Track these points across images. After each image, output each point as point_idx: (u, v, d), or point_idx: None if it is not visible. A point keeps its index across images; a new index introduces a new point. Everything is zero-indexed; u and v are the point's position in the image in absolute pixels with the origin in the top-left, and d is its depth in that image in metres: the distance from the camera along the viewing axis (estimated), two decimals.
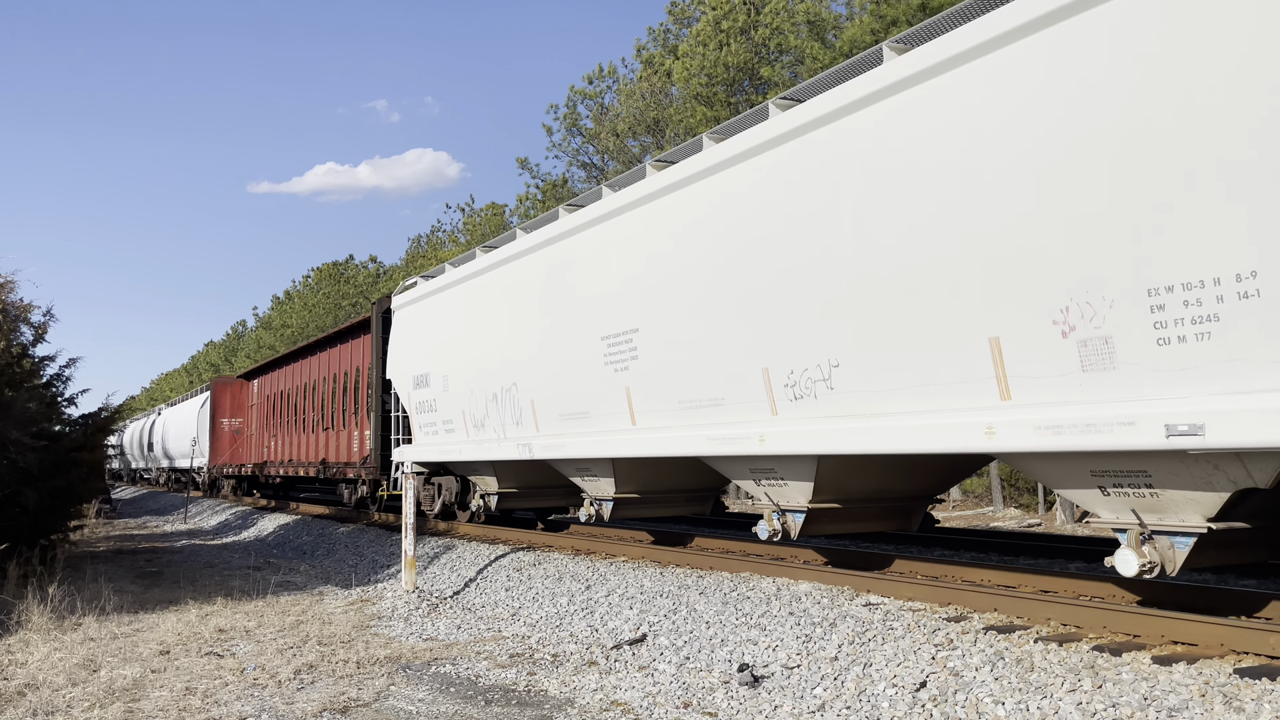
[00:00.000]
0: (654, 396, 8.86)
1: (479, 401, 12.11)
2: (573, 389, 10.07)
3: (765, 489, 8.19)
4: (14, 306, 12.98)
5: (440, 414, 13.30)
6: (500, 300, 11.64)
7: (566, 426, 10.31)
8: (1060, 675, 5.20)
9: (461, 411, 12.64)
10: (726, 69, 26.20)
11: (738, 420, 7.92)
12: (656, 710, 5.87)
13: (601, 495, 10.49)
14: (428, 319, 13.79)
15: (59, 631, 8.94)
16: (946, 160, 5.97)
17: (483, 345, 12.03)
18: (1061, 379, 5.49)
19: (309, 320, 58.02)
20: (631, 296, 9.07)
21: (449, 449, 13.07)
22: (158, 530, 23.98)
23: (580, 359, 9.84)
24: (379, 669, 7.23)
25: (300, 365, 22.66)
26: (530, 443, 10.83)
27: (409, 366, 14.29)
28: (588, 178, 34.18)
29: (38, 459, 11.95)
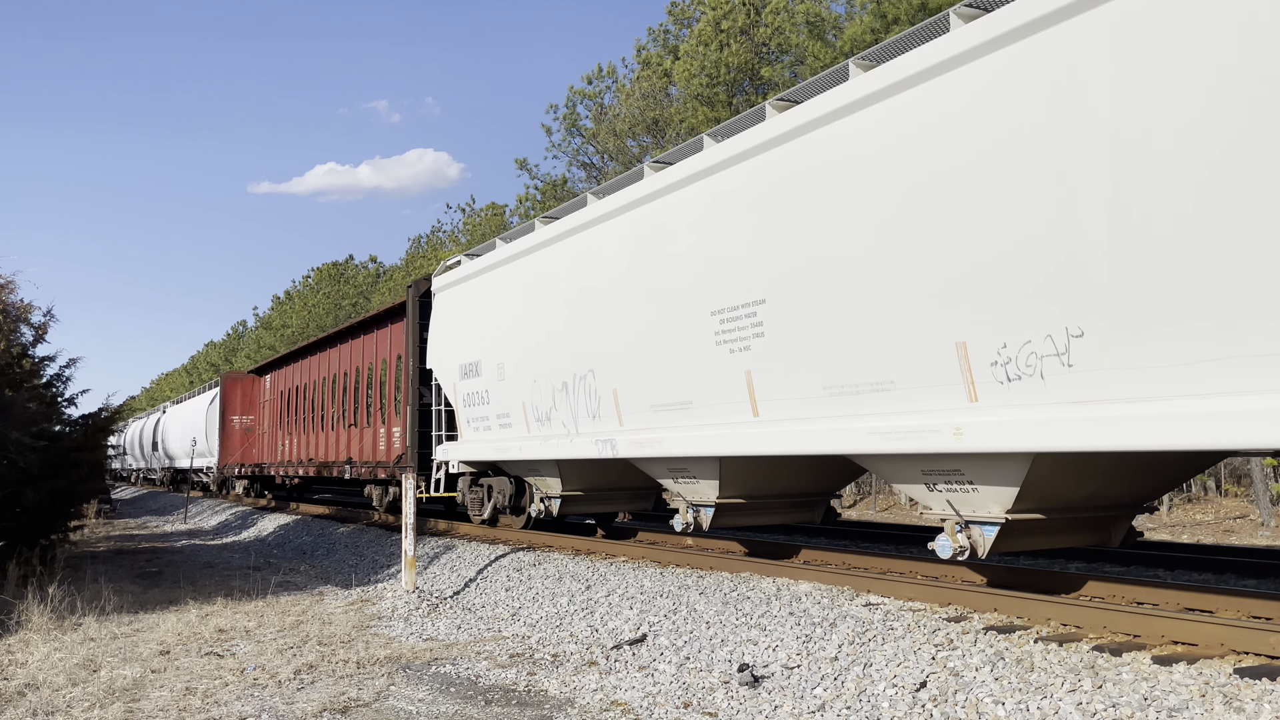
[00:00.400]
0: (786, 382, 7.53)
1: (543, 392, 10.90)
2: (669, 375, 8.83)
3: (946, 495, 6.79)
4: (14, 307, 12.98)
5: (494, 407, 12.09)
6: (570, 276, 10.36)
7: (660, 419, 9.03)
8: (1060, 675, 5.20)
9: (521, 404, 11.41)
10: (727, 69, 26.20)
11: (913, 409, 6.50)
12: (656, 710, 5.87)
13: (701, 500, 9.14)
14: (477, 301, 12.57)
15: (59, 631, 8.94)
16: None
17: (548, 328, 10.81)
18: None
19: (309, 320, 58.05)
20: (755, 261, 7.69)
21: (505, 446, 11.80)
22: (158, 530, 23.98)
23: (680, 339, 8.61)
24: (379, 669, 7.23)
25: (319, 359, 21.45)
26: (612, 439, 9.59)
27: (454, 355, 13.12)
28: (588, 178, 34.18)
29: (38, 459, 11.95)
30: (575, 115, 33.54)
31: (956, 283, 6.09)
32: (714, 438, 8.32)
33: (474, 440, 12.76)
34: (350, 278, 62.58)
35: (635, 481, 11.45)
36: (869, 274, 6.70)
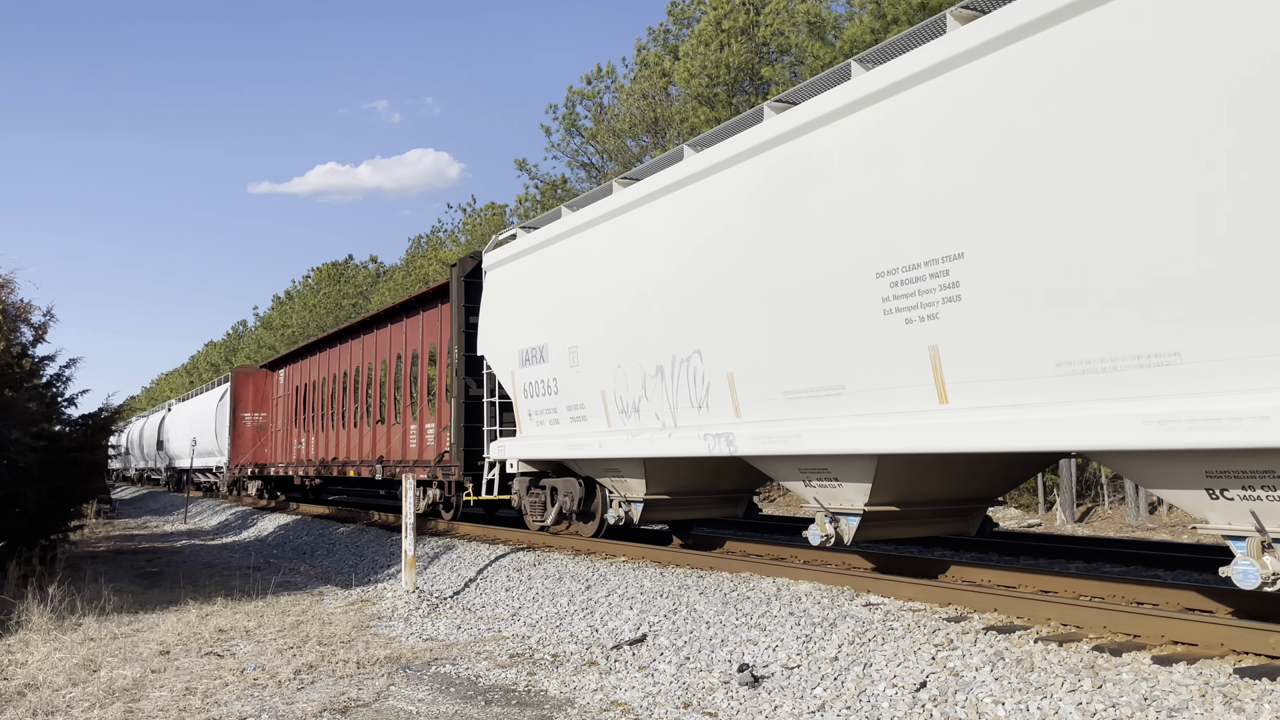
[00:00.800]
0: (993, 358, 6.05)
1: (630, 379, 9.56)
2: (811, 354, 7.36)
3: (1252, 503, 5.31)
4: (14, 306, 12.98)
5: (564, 397, 10.72)
6: (667, 242, 8.99)
7: (797, 409, 7.60)
8: (1060, 675, 5.20)
9: (600, 393, 10.05)
10: (727, 69, 26.20)
11: (1208, 389, 5.02)
12: (656, 710, 5.87)
13: (844, 508, 7.69)
14: (541, 277, 11.23)
15: (59, 631, 8.94)
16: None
17: (637, 305, 9.41)
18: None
19: (309, 320, 58.06)
20: (947, 206, 6.19)
21: (580, 442, 10.38)
22: (158, 530, 23.98)
23: (830, 309, 7.12)
24: (379, 669, 7.23)
25: (339, 351, 20.24)
26: (728, 433, 8.18)
27: (513, 339, 11.74)
28: (587, 177, 34.19)
29: (38, 459, 11.95)
30: (574, 115, 33.56)
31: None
32: (875, 430, 6.80)
33: (538, 436, 11.38)
34: (350, 278, 62.62)
35: (729, 483, 10.38)
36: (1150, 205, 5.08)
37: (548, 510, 11.78)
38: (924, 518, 8.05)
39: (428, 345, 15.56)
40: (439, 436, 14.72)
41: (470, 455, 13.29)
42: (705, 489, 10.51)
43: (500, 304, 12.23)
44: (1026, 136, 5.71)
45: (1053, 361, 5.71)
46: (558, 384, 10.82)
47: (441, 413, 14.75)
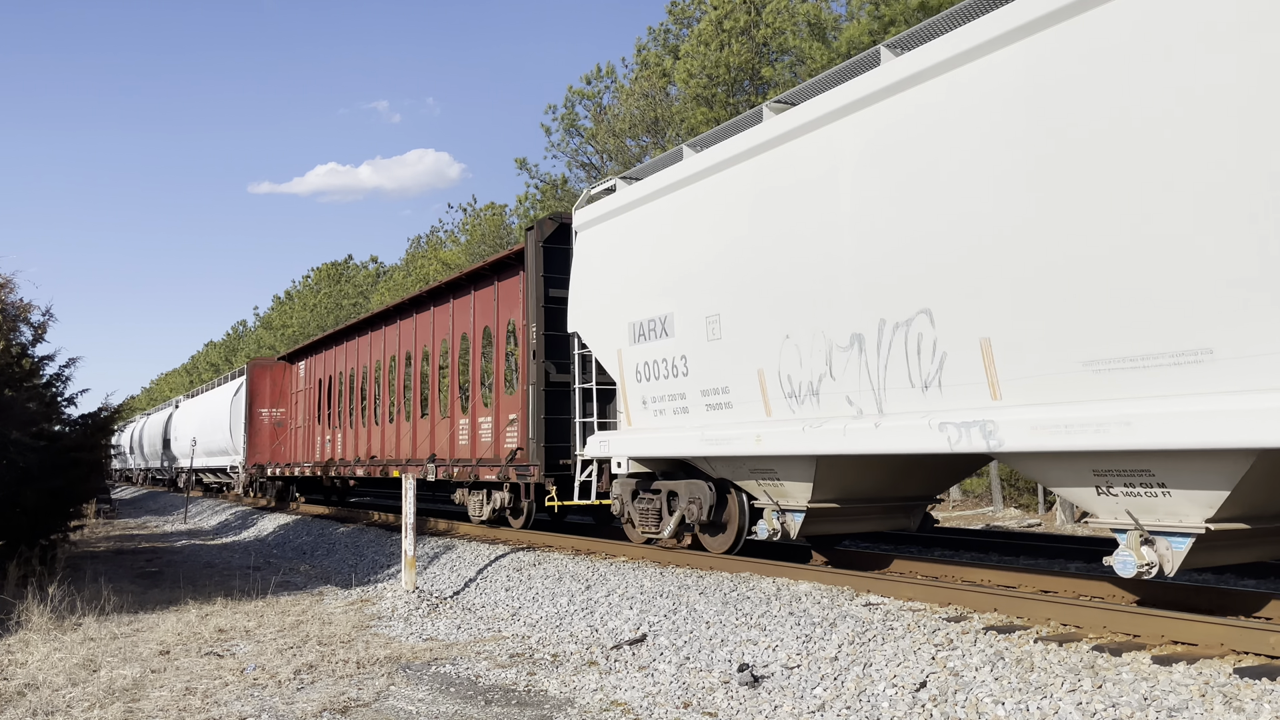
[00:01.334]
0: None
1: (806, 353, 7.72)
2: (1142, 305, 5.41)
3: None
4: (13, 306, 12.98)
5: (697, 379, 8.99)
6: (865, 169, 7.14)
7: (1113, 385, 5.61)
8: (1060, 675, 5.20)
9: (757, 372, 8.25)
10: (728, 69, 26.21)
11: None
12: (656, 710, 5.87)
13: (1178, 524, 5.71)
14: (657, 232, 9.54)
15: (59, 631, 8.93)
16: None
17: (817, 253, 7.53)
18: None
19: (309, 320, 58.09)
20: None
21: (723, 434, 8.57)
22: (157, 530, 23.98)
23: (1164, 240, 5.29)
24: (379, 669, 7.23)
25: (371, 339, 18.56)
26: (985, 421, 6.21)
27: (619, 310, 10.05)
28: (587, 177, 34.20)
29: (37, 459, 11.95)
30: (574, 115, 33.56)
31: None
32: (1250, 413, 4.90)
33: (656, 428, 9.60)
34: (350, 278, 62.64)
35: (909, 489, 8.65)
36: None
37: (663, 520, 9.98)
38: None
39: (489, 325, 13.87)
40: (505, 431, 13.01)
41: (551, 452, 11.62)
42: (880, 496, 8.61)
43: (599, 270, 10.40)
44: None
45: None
46: (688, 363, 9.04)
47: (507, 403, 13.16)
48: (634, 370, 9.87)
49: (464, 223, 44.39)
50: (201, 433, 31.11)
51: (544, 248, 11.96)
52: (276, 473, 23.87)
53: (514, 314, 13.11)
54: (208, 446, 30.29)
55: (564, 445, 11.64)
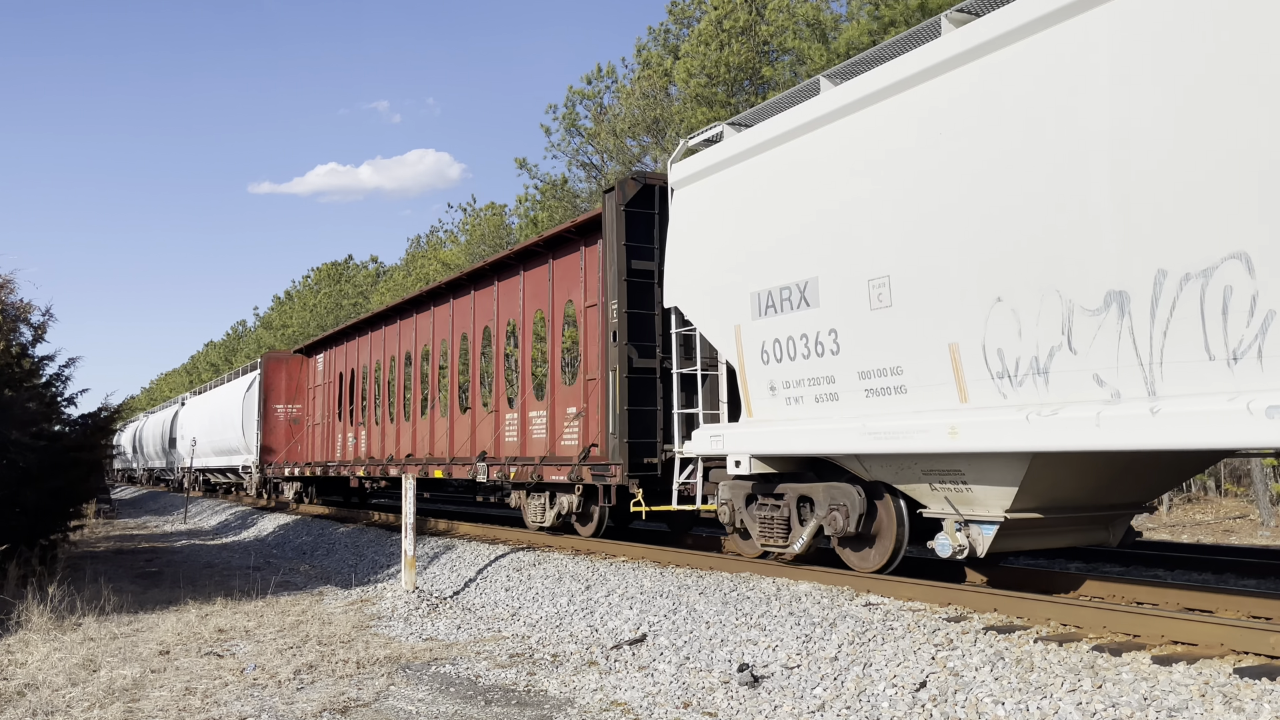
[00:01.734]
0: None
1: (1030, 320, 6.20)
2: None
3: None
4: (13, 306, 12.98)
5: (854, 358, 7.46)
6: (1124, 74, 5.64)
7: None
8: (1060, 675, 5.20)
9: (949, 347, 6.71)
10: (727, 69, 26.22)
11: None
12: (656, 710, 5.87)
13: None
14: (791, 181, 8.06)
15: (59, 631, 8.93)
16: None
17: (1049, 190, 6.02)
18: None
19: (309, 320, 58.10)
20: None
21: (890, 428, 7.08)
22: (157, 530, 23.98)
23: None
24: (379, 669, 7.23)
25: (404, 326, 17.15)
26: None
27: (736, 277, 8.62)
28: (587, 177, 34.21)
29: (37, 459, 11.95)
30: (574, 115, 33.57)
31: None
32: None
33: (790, 419, 8.14)
34: (350, 278, 62.66)
35: (1119, 494, 7.23)
36: None
37: (792, 531, 8.48)
38: None
39: (542, 309, 12.55)
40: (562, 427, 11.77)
41: (635, 449, 10.14)
42: (1088, 504, 7.21)
43: (706, 231, 9.04)
44: None
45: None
46: (838, 339, 7.58)
47: (565, 395, 11.89)
48: (757, 350, 8.36)
49: (464, 223, 44.40)
50: (210, 431, 29.57)
51: (625, 213, 10.35)
52: (295, 472, 22.25)
53: (573, 293, 11.74)
54: (217, 445, 28.81)
55: (649, 442, 10.21)
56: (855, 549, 8.10)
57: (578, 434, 11.42)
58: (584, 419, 11.24)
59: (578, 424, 11.43)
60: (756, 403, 8.52)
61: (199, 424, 31.79)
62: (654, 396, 10.35)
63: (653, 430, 10.33)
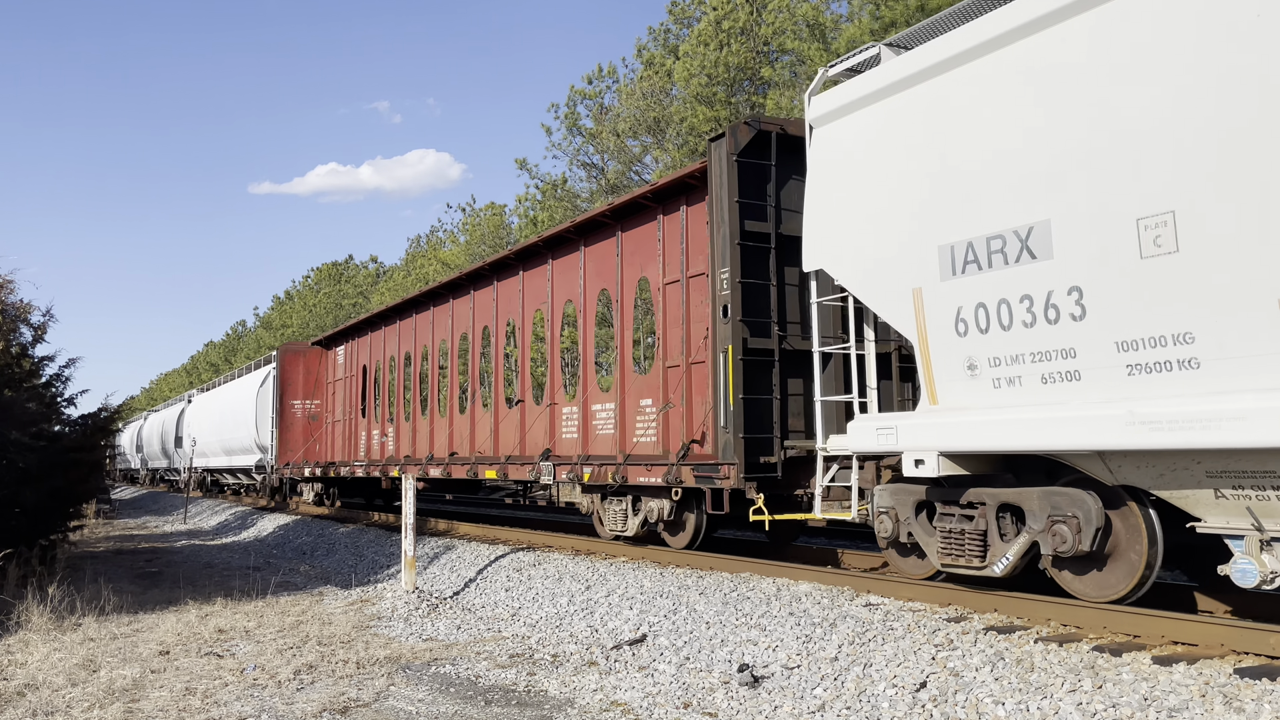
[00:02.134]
0: None
1: None
2: None
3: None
4: (13, 306, 12.98)
5: (1109, 324, 5.89)
6: None
7: None
8: (1060, 675, 5.20)
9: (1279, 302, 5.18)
10: (727, 69, 26.23)
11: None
12: (656, 710, 5.87)
13: None
14: (1000, 100, 6.50)
15: (58, 632, 8.93)
16: None
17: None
18: None
19: (309, 320, 58.13)
20: None
21: (1178, 415, 5.45)
22: (157, 530, 23.99)
23: None
24: (379, 669, 7.23)
25: (437, 314, 15.89)
26: None
27: (915, 229, 7.05)
28: (588, 177, 34.22)
29: (37, 459, 11.95)
30: (576, 115, 33.59)
31: None
32: None
33: (999, 406, 6.55)
34: (350, 278, 62.70)
35: None
36: None
37: (991, 549, 6.88)
38: None
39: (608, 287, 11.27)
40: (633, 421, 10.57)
41: (752, 445, 8.70)
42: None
43: (867, 174, 7.52)
44: None
45: None
46: (1084, 299, 5.99)
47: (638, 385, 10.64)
48: (949, 319, 6.78)
49: (464, 223, 44.41)
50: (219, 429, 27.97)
51: (738, 163, 8.88)
52: (316, 473, 20.72)
53: (648, 269, 10.50)
54: (227, 444, 27.24)
55: (764, 437, 8.77)
56: (1081, 571, 6.50)
57: (656, 429, 10.17)
58: (665, 413, 9.92)
59: (656, 418, 10.16)
60: (946, 386, 6.82)
61: (207, 422, 30.38)
62: (769, 383, 8.86)
63: (769, 423, 8.82)
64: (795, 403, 9.10)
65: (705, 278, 9.49)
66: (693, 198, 9.88)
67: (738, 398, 8.73)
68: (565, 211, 32.34)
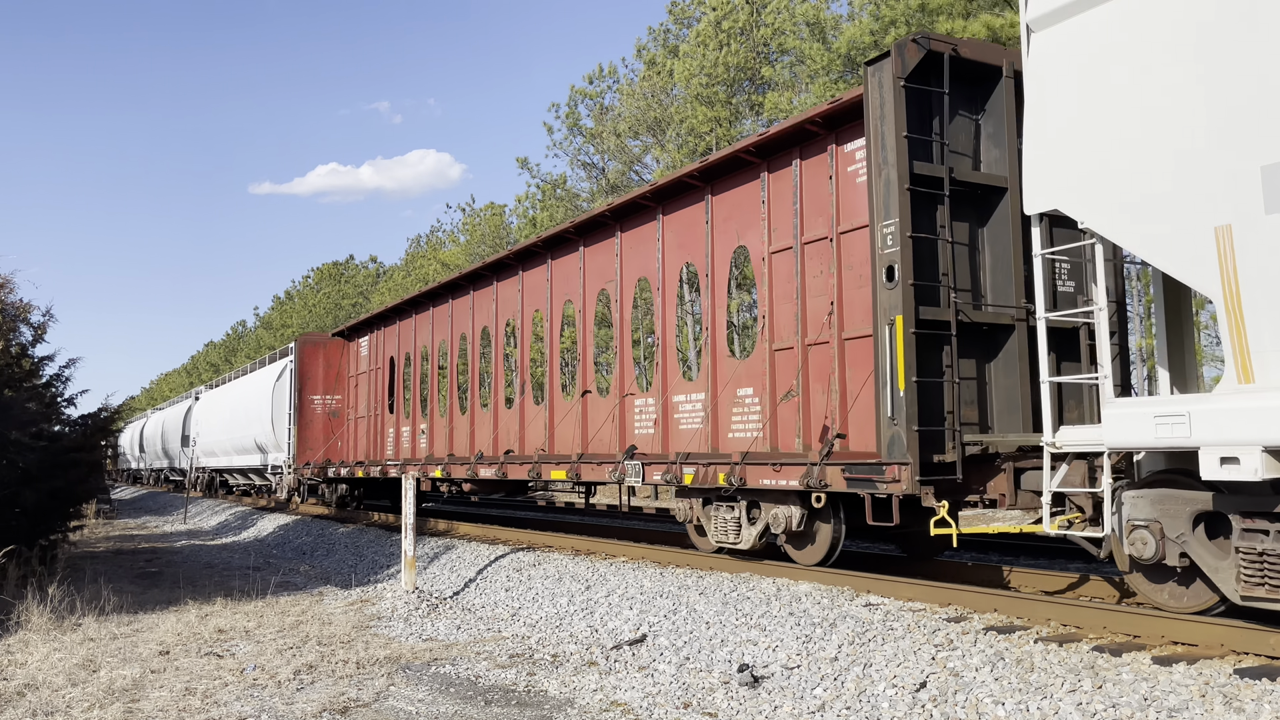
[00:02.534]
0: None
1: None
2: None
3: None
4: (13, 306, 12.98)
5: None
6: None
7: None
8: (1060, 675, 5.20)
9: None
10: (727, 69, 26.23)
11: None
12: (656, 710, 5.87)
13: None
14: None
15: (59, 632, 8.93)
16: None
17: None
18: None
19: (309, 320, 58.16)
20: None
21: None
22: (157, 530, 23.99)
23: None
24: (379, 669, 7.23)
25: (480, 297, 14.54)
26: None
27: (1214, 149, 5.41)
28: (588, 177, 34.23)
29: (37, 459, 11.95)
30: (577, 115, 33.61)
31: None
32: None
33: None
34: (350, 277, 62.73)
35: None
36: None
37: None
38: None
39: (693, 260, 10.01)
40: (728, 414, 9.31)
41: (926, 440, 7.23)
42: None
43: (1125, 82, 5.89)
44: None
45: None
46: None
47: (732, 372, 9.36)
48: (1275, 265, 5.17)
49: (463, 223, 44.41)
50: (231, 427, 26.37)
51: (906, 89, 7.47)
52: (341, 473, 19.14)
53: (747, 236, 9.23)
54: (239, 443, 25.53)
55: (938, 430, 7.31)
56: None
57: (762, 423, 8.80)
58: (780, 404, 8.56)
59: (759, 409, 8.88)
60: (1268, 359, 5.24)
61: (217, 420, 28.58)
62: (940, 363, 7.43)
63: (941, 413, 7.34)
64: (967, 388, 7.66)
65: (827, 242, 8.21)
66: (808, 149, 8.53)
67: (909, 381, 7.14)
68: (565, 211, 32.35)
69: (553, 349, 12.79)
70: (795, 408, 8.46)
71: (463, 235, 43.66)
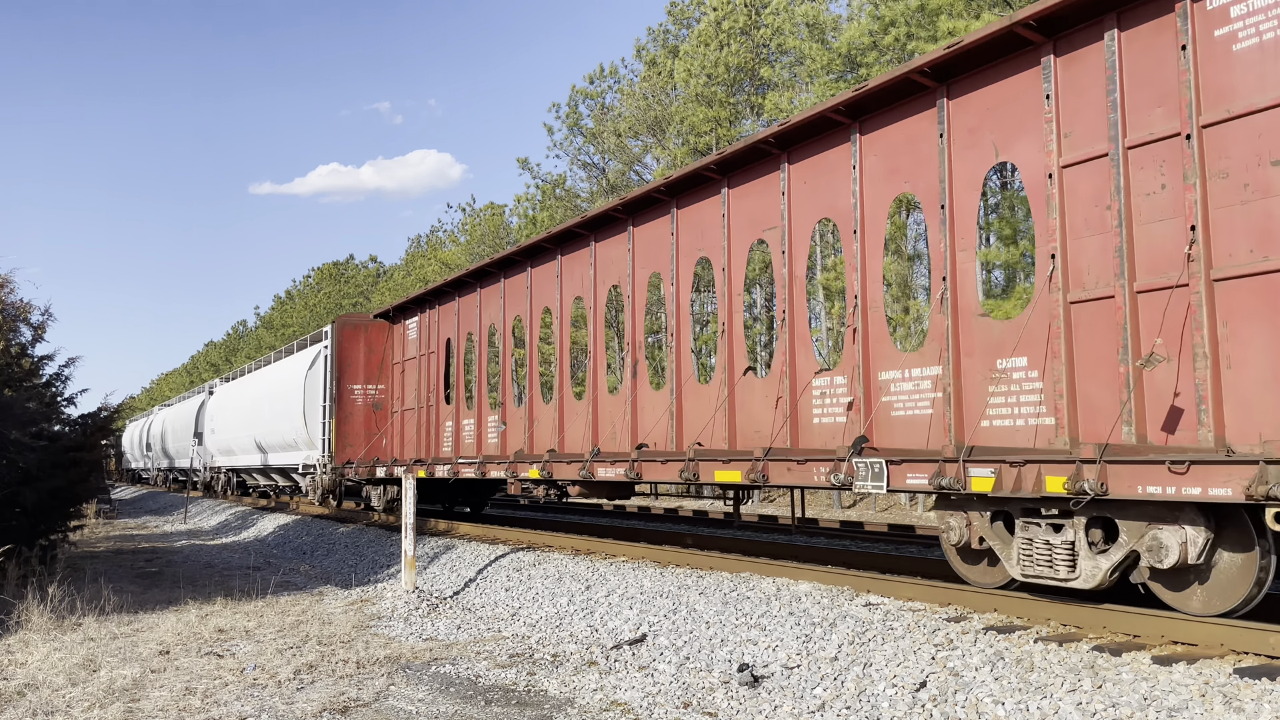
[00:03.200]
0: None
1: None
2: None
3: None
4: (13, 306, 12.98)
5: None
6: None
7: None
8: (1060, 675, 5.20)
9: None
10: (727, 69, 26.24)
11: None
12: (656, 710, 5.87)
13: None
14: None
15: (59, 631, 8.93)
16: None
17: None
18: None
19: (309, 320, 58.18)
20: None
21: None
22: (157, 530, 23.99)
23: None
24: (379, 669, 7.23)
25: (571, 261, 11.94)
26: None
27: None
28: (588, 177, 34.23)
29: (37, 459, 11.95)
30: (577, 115, 33.61)
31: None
32: None
33: None
34: (350, 277, 62.76)
35: None
36: None
37: None
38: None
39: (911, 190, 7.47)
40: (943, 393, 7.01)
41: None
42: None
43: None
44: None
45: None
46: None
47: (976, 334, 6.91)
48: None
49: (463, 223, 44.42)
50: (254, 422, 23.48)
51: None
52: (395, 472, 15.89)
53: (1013, 148, 6.75)
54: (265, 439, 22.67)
55: None
56: None
57: (1036, 405, 6.48)
58: (1058, 382, 6.27)
59: (1037, 388, 6.47)
60: None
61: (236, 415, 25.69)
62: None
63: None
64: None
65: (1179, 140, 5.74)
66: (1133, 13, 6.03)
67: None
68: (565, 211, 32.34)
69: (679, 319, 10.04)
70: (1122, 382, 5.98)
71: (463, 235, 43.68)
